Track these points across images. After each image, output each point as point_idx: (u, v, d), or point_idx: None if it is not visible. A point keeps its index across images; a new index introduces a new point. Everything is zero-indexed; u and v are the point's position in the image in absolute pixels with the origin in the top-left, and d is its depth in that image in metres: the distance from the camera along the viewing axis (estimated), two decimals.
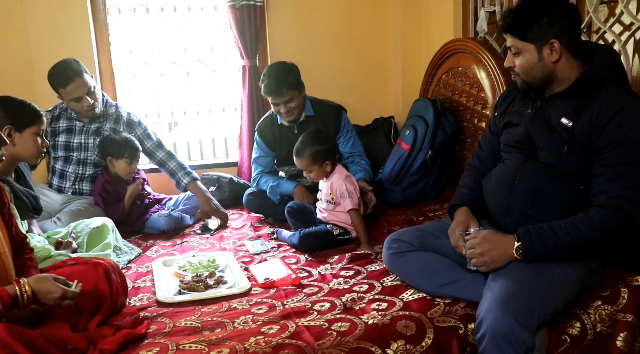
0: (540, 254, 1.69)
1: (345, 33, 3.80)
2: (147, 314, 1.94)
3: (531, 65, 1.79)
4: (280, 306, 1.95)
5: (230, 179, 3.46)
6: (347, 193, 2.54)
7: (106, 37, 3.58)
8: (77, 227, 2.56)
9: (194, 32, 3.72)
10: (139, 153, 3.01)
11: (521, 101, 1.97)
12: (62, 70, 2.87)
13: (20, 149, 2.11)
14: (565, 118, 1.76)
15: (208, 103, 3.88)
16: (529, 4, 1.77)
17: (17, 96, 3.26)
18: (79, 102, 2.93)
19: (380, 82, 3.94)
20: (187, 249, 2.67)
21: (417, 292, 1.93)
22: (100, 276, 1.82)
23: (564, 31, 1.74)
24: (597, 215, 1.65)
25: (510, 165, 1.93)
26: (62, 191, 3.07)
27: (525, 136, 1.88)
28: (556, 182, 1.79)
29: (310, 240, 2.53)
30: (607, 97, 1.71)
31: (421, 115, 3.13)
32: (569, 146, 1.74)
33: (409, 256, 1.99)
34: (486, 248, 1.75)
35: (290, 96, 2.85)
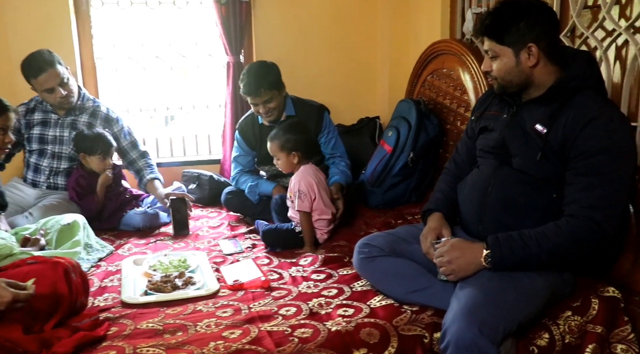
0: (509, 263, 1.65)
1: (333, 31, 3.75)
2: (110, 315, 1.89)
3: (508, 70, 1.76)
4: (246, 309, 1.91)
5: (211, 177, 3.42)
6: (299, 193, 2.51)
7: (88, 30, 3.52)
8: (47, 224, 2.50)
9: (178, 26, 3.67)
10: (113, 149, 2.95)
11: (497, 106, 1.93)
12: (34, 61, 2.81)
13: None
14: (540, 125, 1.73)
15: (192, 99, 3.82)
16: (508, 7, 1.74)
17: None
18: (52, 93, 2.87)
19: (367, 81, 3.90)
20: (161, 248, 2.62)
21: (386, 298, 1.89)
22: (59, 276, 1.77)
23: (542, 35, 1.70)
24: (567, 225, 1.62)
25: (484, 171, 1.90)
26: (37, 186, 3.02)
27: (500, 141, 1.84)
28: (529, 189, 1.75)
29: (272, 236, 2.54)
30: (583, 104, 1.67)
31: (404, 116, 3.09)
32: (543, 153, 1.70)
33: (379, 261, 1.95)
34: (454, 256, 1.72)
35: (270, 96, 2.80)
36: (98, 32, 3.57)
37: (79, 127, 3.00)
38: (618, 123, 1.64)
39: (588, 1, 2.22)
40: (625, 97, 2.02)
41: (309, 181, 2.56)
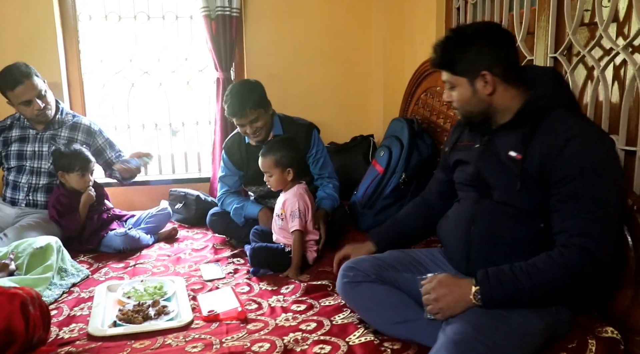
0: (500, 299, 1.53)
1: (327, 47, 3.66)
2: (72, 349, 1.77)
3: (466, 100, 1.67)
4: (217, 344, 1.78)
5: (197, 196, 3.32)
6: (298, 213, 2.42)
7: (76, 45, 3.45)
8: (18, 247, 2.39)
9: (168, 42, 3.59)
10: (91, 164, 2.86)
11: (469, 135, 1.83)
12: (10, 73, 2.76)
13: None
14: (514, 151, 1.62)
15: (181, 116, 3.73)
16: (456, 36, 1.65)
17: None
18: (29, 106, 2.81)
19: (361, 98, 3.80)
20: (139, 273, 2.51)
21: (366, 334, 1.76)
22: (15, 310, 1.64)
23: (494, 61, 1.61)
24: (559, 255, 1.50)
25: (465, 206, 1.79)
26: (16, 204, 2.93)
27: (476, 174, 1.73)
28: (514, 222, 1.63)
29: (261, 254, 2.43)
30: (556, 125, 1.57)
31: (397, 135, 2.98)
32: (522, 181, 1.59)
33: (364, 287, 1.82)
34: (441, 293, 1.59)
35: (256, 116, 2.68)
36: (85, 46, 3.49)
37: (59, 142, 2.93)
38: (595, 140, 1.53)
39: (585, 18, 2.12)
40: (624, 119, 1.90)
41: (305, 201, 2.47)
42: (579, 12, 2.09)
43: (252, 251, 2.44)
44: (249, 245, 2.52)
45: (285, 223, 2.47)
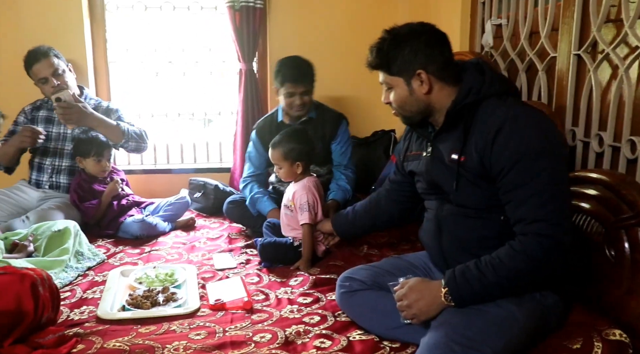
0: (470, 296, 1.50)
1: (350, 39, 3.63)
2: (81, 330, 1.81)
3: (403, 100, 1.65)
4: (220, 332, 1.80)
5: (216, 186, 3.34)
6: (307, 206, 2.41)
7: (103, 34, 3.51)
8: (38, 230, 2.46)
9: (192, 32, 3.62)
10: (107, 151, 2.93)
11: (416, 144, 1.82)
12: (30, 53, 2.92)
13: None
14: (454, 153, 1.60)
15: (204, 106, 3.77)
16: (391, 36, 1.63)
17: (7, 89, 3.29)
18: (46, 84, 2.92)
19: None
20: (153, 259, 2.55)
21: (369, 333, 1.75)
22: (25, 289, 1.69)
23: (429, 60, 1.59)
24: (519, 244, 1.47)
25: (431, 216, 1.78)
26: (40, 186, 3.02)
27: (430, 182, 1.73)
28: (476, 222, 1.61)
29: (270, 249, 2.43)
30: (485, 117, 1.54)
31: None
32: (458, 182, 1.59)
33: (360, 295, 1.81)
34: (413, 299, 1.57)
35: (309, 89, 2.80)
36: (112, 36, 3.55)
37: None
38: (525, 123, 1.49)
39: (611, 14, 2.05)
40: None
41: (314, 194, 2.46)
42: (605, 8, 2.02)
43: (261, 246, 2.44)
44: (259, 239, 2.53)
45: (294, 214, 2.46)
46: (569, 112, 2.26)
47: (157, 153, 3.75)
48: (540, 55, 2.47)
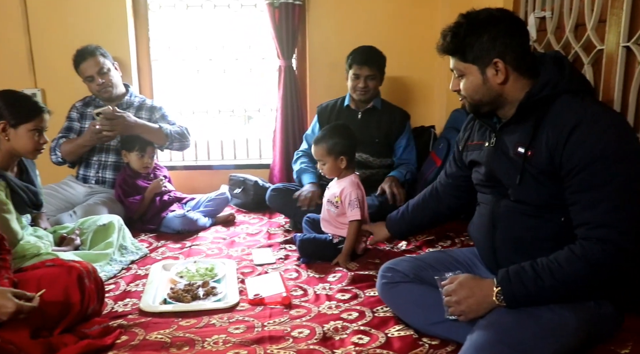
0: (523, 298, 1.46)
1: (389, 35, 3.60)
2: (124, 322, 1.86)
3: (475, 88, 1.58)
4: (259, 327, 1.82)
5: (255, 182, 3.37)
6: (357, 202, 2.40)
7: (146, 33, 3.58)
8: (84, 224, 2.54)
9: (232, 29, 3.66)
10: (150, 148, 3.00)
11: (478, 134, 1.75)
12: (79, 52, 3.03)
13: (16, 144, 2.10)
14: (521, 147, 1.53)
15: (244, 102, 3.81)
16: (468, 21, 1.55)
17: (57, 86, 3.40)
18: (92, 82, 3.04)
19: (423, 88, 3.72)
20: (194, 254, 2.59)
21: (406, 328, 1.74)
22: (72, 281, 1.75)
23: (507, 49, 1.52)
24: (580, 249, 1.41)
25: (485, 209, 1.72)
26: (87, 181, 3.11)
27: (489, 174, 1.66)
28: (534, 220, 1.55)
29: (308, 245, 2.44)
30: (560, 113, 1.47)
31: (457, 127, 2.90)
32: (522, 176, 1.52)
33: (402, 288, 1.79)
34: (463, 296, 1.53)
35: (374, 73, 2.96)
36: (155, 34, 3.62)
37: None
38: (605, 124, 1.41)
39: None
40: None
41: (361, 190, 2.47)
42: None
43: (300, 242, 2.45)
44: (298, 235, 2.54)
45: (339, 210, 2.46)
46: (617, 106, 2.18)
47: (198, 149, 3.81)
48: (586, 48, 2.39)
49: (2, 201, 2.01)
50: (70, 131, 3.12)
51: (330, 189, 2.54)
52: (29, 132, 2.10)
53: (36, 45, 3.44)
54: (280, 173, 3.62)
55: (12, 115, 2.08)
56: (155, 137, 3.04)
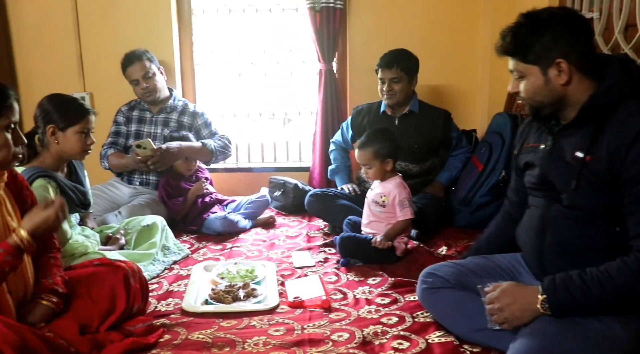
0: (570, 308, 1.42)
1: (431, 38, 3.57)
2: (167, 321, 1.90)
3: (537, 90, 1.53)
4: (299, 329, 1.83)
5: (295, 185, 3.39)
6: (408, 201, 2.44)
7: (189, 37, 3.65)
8: (129, 224, 2.60)
9: (273, 33, 3.69)
10: None
11: (534, 136, 1.70)
12: (127, 55, 3.12)
13: (64, 146, 2.17)
14: (580, 151, 1.48)
15: (284, 106, 3.84)
16: (529, 20, 1.51)
17: (105, 89, 3.50)
18: (137, 86, 3.13)
19: (465, 91, 3.67)
20: (234, 255, 2.62)
21: (447, 334, 1.72)
22: (118, 280, 1.79)
23: (571, 48, 1.47)
24: (635, 262, 1.36)
25: (535, 213, 1.67)
26: (132, 182, 3.18)
27: (542, 177, 1.61)
28: (587, 228, 1.50)
29: (349, 244, 2.46)
30: (625, 118, 1.41)
31: (499, 131, 2.86)
32: (578, 182, 1.47)
33: (443, 293, 1.77)
34: (505, 303, 1.50)
35: (398, 76, 2.90)
36: (198, 39, 3.69)
37: (171, 125, 3.17)
38: None
39: None
40: None
41: (407, 190, 2.50)
42: None
43: (341, 240, 2.46)
44: (338, 237, 2.54)
45: (385, 209, 2.47)
46: None
47: (239, 152, 3.85)
48: (636, 49, 2.32)
49: None
50: (118, 136, 3.22)
51: (374, 191, 2.55)
52: (76, 134, 2.16)
53: (86, 51, 3.56)
54: (320, 176, 3.63)
55: (60, 118, 2.14)
56: (200, 155, 3.12)
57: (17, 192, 1.70)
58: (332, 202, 2.90)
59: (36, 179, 2.05)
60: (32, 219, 1.55)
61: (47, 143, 2.17)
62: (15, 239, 1.51)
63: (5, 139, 1.54)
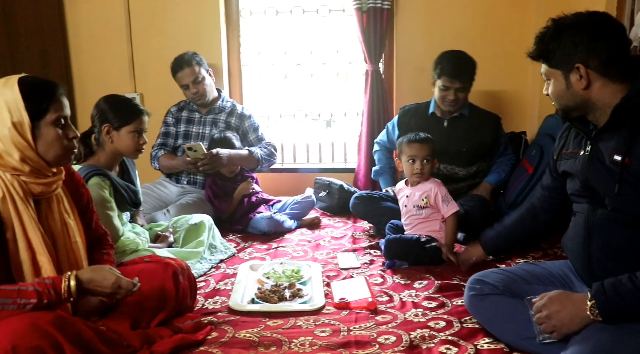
0: (620, 312, 1.37)
1: (480, 39, 3.50)
2: (214, 319, 1.92)
3: (560, 93, 1.56)
4: (345, 331, 1.82)
5: (341, 186, 3.38)
6: (449, 196, 2.45)
7: (237, 39, 3.70)
8: (177, 222, 2.65)
9: (320, 34, 3.70)
10: None
11: (574, 142, 1.67)
12: (177, 60, 3.17)
13: (118, 145, 2.22)
14: (618, 154, 1.46)
15: (330, 107, 3.84)
16: (554, 26, 1.54)
17: (154, 90, 3.59)
18: (187, 90, 3.18)
19: (515, 93, 3.59)
20: (280, 255, 2.64)
21: (497, 341, 1.68)
22: (168, 277, 1.83)
23: (591, 54, 1.48)
24: None
25: (580, 219, 1.63)
26: (179, 182, 3.24)
27: (584, 183, 1.58)
28: (633, 231, 1.47)
29: (396, 246, 2.44)
30: None
31: (550, 133, 2.78)
32: (620, 185, 1.45)
33: (491, 300, 1.73)
34: (554, 310, 1.47)
35: (464, 86, 2.85)
36: (245, 40, 3.73)
37: (219, 125, 3.22)
38: None
39: None
40: None
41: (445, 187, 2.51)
42: None
43: (387, 242, 2.45)
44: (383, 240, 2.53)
45: (429, 210, 2.47)
46: None
47: (284, 152, 3.88)
48: None
49: (106, 199, 2.14)
50: (168, 136, 3.28)
51: (409, 197, 2.53)
52: (129, 133, 2.22)
53: (137, 52, 3.66)
54: (365, 177, 3.61)
55: (115, 118, 2.20)
56: (247, 163, 3.17)
57: (74, 190, 1.75)
58: (377, 205, 2.88)
59: (92, 177, 2.11)
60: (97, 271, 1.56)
61: (103, 142, 2.23)
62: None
63: (55, 134, 1.55)
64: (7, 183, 1.50)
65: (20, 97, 1.49)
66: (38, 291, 1.43)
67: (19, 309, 1.40)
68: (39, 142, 1.53)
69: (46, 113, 1.53)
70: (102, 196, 2.12)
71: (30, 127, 1.50)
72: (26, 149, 1.51)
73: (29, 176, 1.54)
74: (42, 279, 1.47)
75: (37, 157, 1.54)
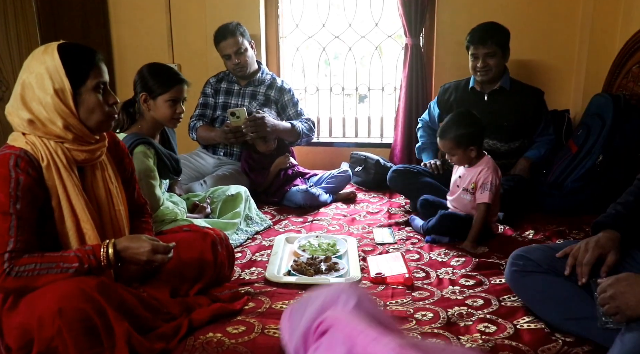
0: None
1: (525, 13, 3.39)
2: (251, 290, 1.94)
3: None
4: (381, 306, 1.81)
5: (377, 161, 3.34)
6: (490, 185, 2.33)
7: (275, 10, 3.66)
8: (214, 193, 2.67)
9: (359, 6, 3.63)
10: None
11: None
12: (220, 29, 3.15)
13: (155, 114, 2.23)
14: None
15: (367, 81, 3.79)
16: None
17: (192, 61, 3.59)
18: (229, 60, 3.17)
19: (560, 69, 3.47)
20: (315, 229, 2.64)
21: (537, 321, 1.66)
22: (206, 246, 1.85)
23: None
24: None
25: None
26: (216, 153, 3.27)
27: None
28: None
29: (449, 222, 2.41)
30: None
31: (599, 113, 2.69)
32: None
33: (535, 278, 1.69)
34: (620, 291, 1.38)
35: (493, 51, 2.80)
36: (284, 12, 3.69)
37: (258, 98, 3.21)
38: None
39: None
40: None
41: (499, 175, 2.40)
42: None
43: (440, 217, 2.41)
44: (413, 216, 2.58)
45: (474, 197, 2.38)
46: None
47: (321, 126, 3.86)
48: None
49: (150, 168, 2.16)
50: (206, 107, 3.30)
51: (461, 178, 2.46)
52: (166, 102, 2.21)
53: (175, 23, 3.66)
54: (401, 153, 3.57)
55: (153, 86, 2.20)
56: (288, 135, 3.17)
57: (119, 159, 1.76)
58: (414, 179, 2.85)
59: (137, 146, 2.14)
60: (134, 240, 1.56)
61: (143, 110, 2.25)
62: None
63: (97, 100, 1.55)
64: (52, 150, 1.52)
65: (61, 63, 1.49)
66: (79, 257, 1.46)
67: (62, 273, 1.43)
68: (81, 109, 1.54)
69: (86, 79, 1.53)
70: (146, 164, 2.14)
71: (71, 93, 1.51)
72: (69, 116, 1.52)
73: (72, 143, 1.55)
74: (83, 247, 1.50)
75: (80, 124, 1.55)
